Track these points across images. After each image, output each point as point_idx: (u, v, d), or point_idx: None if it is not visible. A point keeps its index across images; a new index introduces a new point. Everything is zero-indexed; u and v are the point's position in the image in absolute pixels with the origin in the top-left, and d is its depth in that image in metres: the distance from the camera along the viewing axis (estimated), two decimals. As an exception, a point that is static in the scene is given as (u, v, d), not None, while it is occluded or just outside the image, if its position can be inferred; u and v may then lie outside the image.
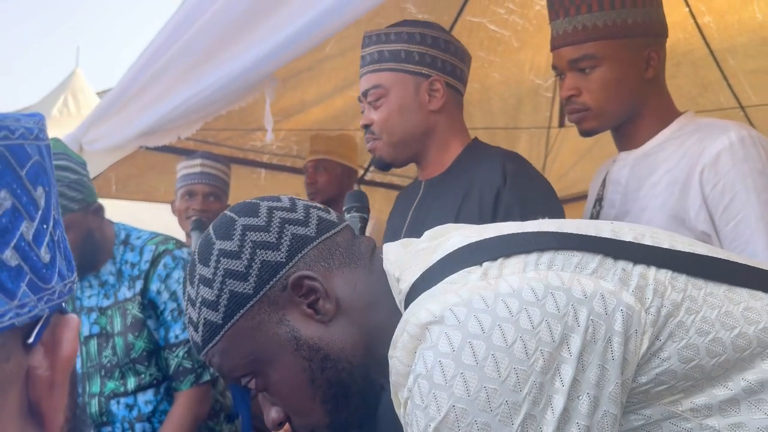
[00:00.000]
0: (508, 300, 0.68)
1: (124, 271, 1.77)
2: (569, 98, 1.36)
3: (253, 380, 0.84)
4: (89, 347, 1.76)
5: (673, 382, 0.70)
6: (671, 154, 1.32)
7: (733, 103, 2.95)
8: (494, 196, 1.33)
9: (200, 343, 0.84)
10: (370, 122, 1.46)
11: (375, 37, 1.49)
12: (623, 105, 1.35)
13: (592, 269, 0.72)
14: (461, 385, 0.66)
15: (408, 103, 1.44)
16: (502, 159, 1.38)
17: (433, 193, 1.46)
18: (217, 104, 1.90)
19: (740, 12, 2.52)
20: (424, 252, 0.81)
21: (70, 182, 1.66)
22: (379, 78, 1.45)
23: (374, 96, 1.45)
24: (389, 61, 1.46)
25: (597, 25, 1.31)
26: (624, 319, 0.69)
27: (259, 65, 1.72)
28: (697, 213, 1.24)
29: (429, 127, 1.46)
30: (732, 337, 0.72)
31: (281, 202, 0.87)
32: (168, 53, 1.86)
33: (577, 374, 0.67)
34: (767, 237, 1.19)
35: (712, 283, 0.75)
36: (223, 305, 0.81)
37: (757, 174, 1.21)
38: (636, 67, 1.33)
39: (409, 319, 0.72)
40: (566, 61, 1.35)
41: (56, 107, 5.26)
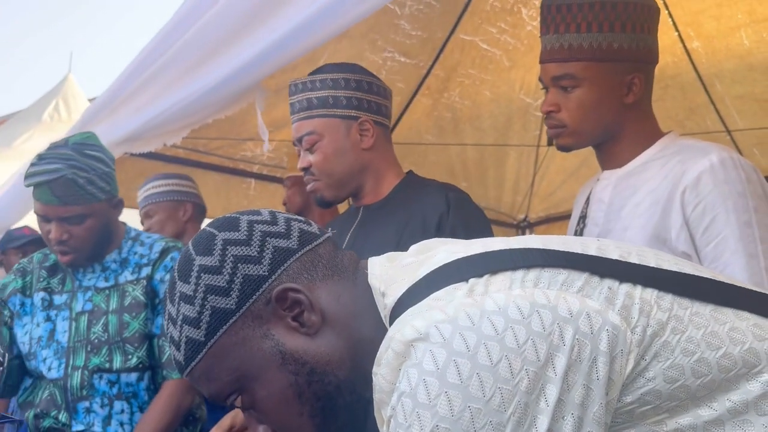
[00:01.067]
0: (494, 318, 0.68)
1: (130, 260, 1.82)
2: (548, 113, 1.38)
3: (239, 398, 0.82)
4: (79, 323, 1.77)
5: (658, 402, 0.70)
6: (654, 175, 1.33)
7: (720, 127, 3.00)
8: (437, 221, 1.44)
9: (183, 362, 0.82)
10: (309, 165, 1.53)
11: (301, 85, 1.56)
12: (599, 126, 1.36)
13: (578, 287, 0.72)
14: (445, 405, 0.65)
15: (341, 145, 1.53)
16: (445, 189, 1.53)
17: (374, 217, 1.55)
18: (202, 112, 1.90)
19: (728, 38, 2.57)
20: (410, 267, 0.80)
21: (102, 173, 1.74)
22: (311, 124, 1.53)
23: (309, 142, 1.53)
24: (318, 107, 1.54)
25: (582, 46, 1.32)
26: (609, 339, 0.69)
27: (243, 73, 1.74)
28: (678, 233, 1.25)
29: (364, 164, 1.55)
30: (717, 358, 0.71)
31: (261, 215, 0.85)
32: (158, 60, 1.87)
33: (561, 394, 0.67)
34: (746, 258, 1.20)
35: (698, 303, 0.75)
36: (205, 322, 0.79)
37: (737, 195, 1.22)
38: (616, 91, 1.34)
39: (393, 336, 0.71)
40: (550, 77, 1.37)
41: (47, 112, 5.25)
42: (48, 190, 1.66)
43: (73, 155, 1.69)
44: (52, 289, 1.81)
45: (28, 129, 5.01)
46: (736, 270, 1.19)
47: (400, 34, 2.54)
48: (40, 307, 1.80)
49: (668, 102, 2.90)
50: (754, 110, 2.87)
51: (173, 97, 1.85)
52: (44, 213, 1.70)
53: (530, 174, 3.64)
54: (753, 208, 1.22)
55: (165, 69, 1.86)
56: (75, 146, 1.71)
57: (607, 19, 1.31)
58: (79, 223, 1.71)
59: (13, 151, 4.61)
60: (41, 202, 1.68)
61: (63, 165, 1.66)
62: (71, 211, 1.69)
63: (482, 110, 3.12)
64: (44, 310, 1.79)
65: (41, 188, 1.66)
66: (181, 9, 1.82)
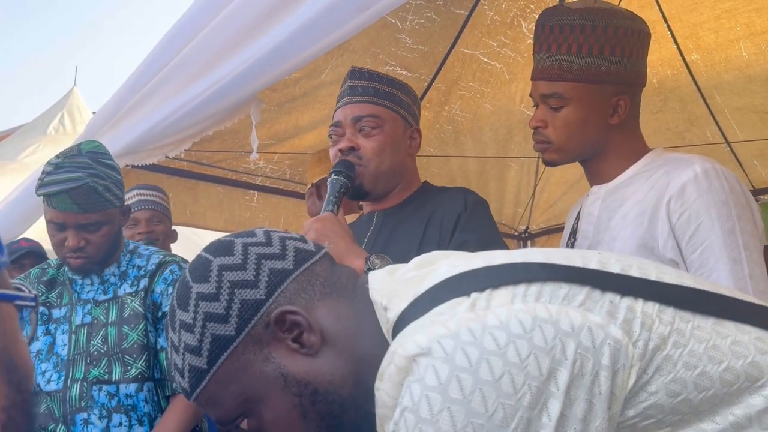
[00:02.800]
0: (496, 333, 0.68)
1: (129, 273, 1.83)
2: (536, 129, 1.42)
3: (246, 421, 0.83)
4: (78, 335, 1.77)
5: (661, 416, 0.70)
6: (640, 187, 1.36)
7: (719, 139, 3.01)
8: (455, 220, 1.44)
9: (188, 389, 0.83)
10: (357, 147, 1.50)
11: (367, 73, 1.57)
12: (583, 145, 1.40)
13: (579, 301, 0.72)
14: (447, 420, 0.65)
15: (398, 141, 1.55)
16: (464, 191, 1.54)
17: (392, 222, 1.54)
18: (202, 124, 1.91)
19: (727, 50, 2.59)
20: (412, 281, 0.80)
21: (116, 181, 1.77)
22: (377, 110, 1.53)
23: (370, 124, 1.51)
24: (385, 99, 1.55)
25: (572, 67, 1.36)
26: (611, 353, 0.69)
27: (240, 84, 1.74)
28: (665, 242, 1.27)
29: (405, 167, 1.58)
30: (720, 372, 0.71)
31: (256, 236, 0.85)
32: (158, 73, 1.89)
33: (564, 409, 0.67)
34: (731, 264, 1.22)
35: (700, 316, 0.75)
36: (206, 350, 0.80)
37: (721, 204, 1.24)
38: (601, 112, 1.37)
39: (396, 351, 0.71)
40: (538, 94, 1.41)
41: (52, 125, 5.28)
42: (68, 198, 1.67)
43: (91, 164, 1.71)
44: (50, 303, 1.82)
45: (34, 142, 5.04)
46: (721, 276, 1.21)
47: (402, 48, 2.57)
48: (39, 321, 1.80)
49: (668, 114, 2.92)
50: (753, 122, 2.88)
51: (171, 106, 1.87)
52: (62, 221, 1.71)
53: (531, 185, 3.65)
54: (736, 216, 1.24)
55: (164, 81, 1.88)
56: (90, 154, 1.73)
57: (597, 43, 1.35)
58: (96, 231, 1.74)
59: (18, 164, 4.64)
60: (59, 209, 1.69)
61: (83, 173, 1.68)
62: (90, 218, 1.71)
63: (483, 123, 3.14)
64: (43, 324, 1.80)
65: (60, 196, 1.67)
66: (180, 21, 1.84)
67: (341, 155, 1.50)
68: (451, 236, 1.42)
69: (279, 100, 2.69)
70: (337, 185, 1.45)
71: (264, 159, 3.12)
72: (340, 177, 1.46)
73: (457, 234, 1.41)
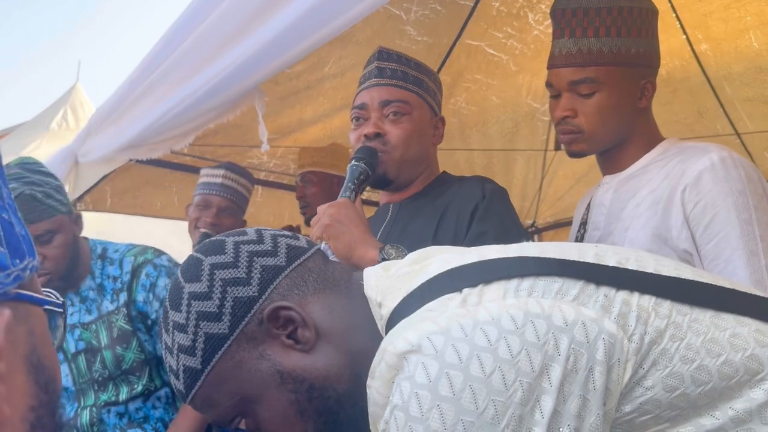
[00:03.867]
0: (487, 328, 0.67)
1: (105, 286, 1.77)
2: (564, 119, 1.36)
3: (243, 421, 0.82)
4: (78, 363, 1.74)
5: (658, 411, 0.69)
6: (654, 176, 1.33)
7: (729, 130, 2.97)
8: (472, 210, 1.39)
9: (183, 391, 0.82)
10: (384, 133, 1.43)
11: (396, 56, 1.50)
12: (614, 131, 1.36)
13: (573, 296, 0.71)
14: (437, 418, 0.64)
15: (425, 129, 1.49)
16: (482, 180, 1.48)
17: (407, 213, 1.48)
18: (204, 116, 1.89)
19: (737, 41, 2.55)
20: (406, 277, 0.79)
21: (56, 186, 1.71)
22: (406, 95, 1.46)
23: (398, 109, 1.44)
24: (414, 84, 1.48)
25: (602, 51, 1.31)
26: (606, 348, 0.67)
27: (241, 75, 1.71)
28: (680, 231, 1.25)
29: (429, 156, 1.53)
30: (718, 365, 0.70)
31: (247, 235, 0.85)
32: (161, 66, 1.87)
33: (557, 405, 0.65)
34: (747, 255, 1.19)
35: (698, 309, 0.73)
36: (200, 349, 0.79)
37: (738, 194, 1.21)
38: (632, 95, 1.35)
39: (386, 348, 0.70)
40: (566, 82, 1.35)
41: (55, 121, 5.27)
42: None
43: (23, 173, 1.66)
44: None
45: (36, 138, 5.03)
46: (737, 268, 1.19)
47: (406, 40, 2.53)
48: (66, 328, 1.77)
49: (676, 106, 2.88)
50: (764, 113, 2.84)
51: (172, 100, 1.85)
52: None
53: (538, 179, 3.62)
54: (753, 206, 1.21)
55: (166, 75, 1.87)
56: (20, 165, 1.68)
57: (624, 24, 1.31)
58: (48, 242, 1.67)
59: (21, 160, 4.62)
60: None
61: (17, 184, 1.63)
62: (38, 229, 1.65)
63: (489, 115, 3.11)
64: None
65: None
66: (182, 15, 1.82)
67: (365, 140, 1.43)
68: (468, 227, 1.37)
69: (282, 94, 2.66)
70: (356, 172, 1.38)
71: (267, 154, 3.11)
72: (360, 164, 1.39)
73: (475, 224, 1.36)
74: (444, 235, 1.37)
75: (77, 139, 2.24)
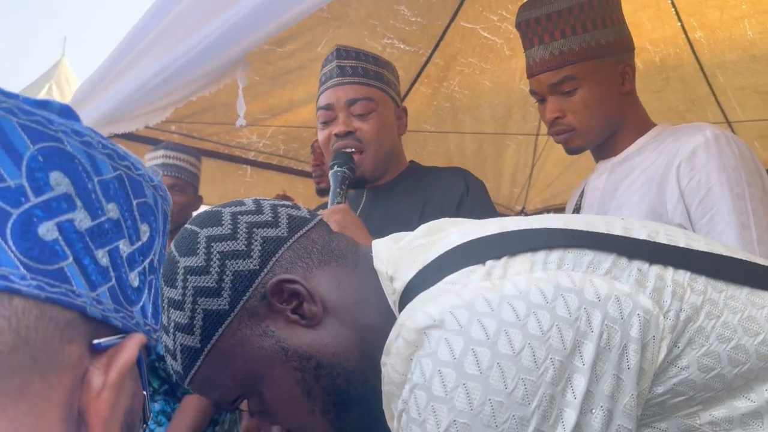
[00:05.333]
0: (515, 303, 0.62)
1: None
2: (554, 120, 1.39)
3: (245, 402, 0.78)
4: None
5: (692, 392, 0.65)
6: (648, 156, 1.36)
7: (721, 119, 2.97)
8: (458, 202, 1.44)
9: (182, 372, 0.77)
10: (355, 130, 1.48)
11: (354, 53, 1.53)
12: (606, 121, 1.39)
13: (605, 269, 0.67)
14: (463, 398, 0.60)
15: (391, 122, 1.53)
16: (462, 172, 1.52)
17: (382, 202, 1.52)
18: (185, 89, 1.82)
19: (731, 29, 2.54)
20: (420, 248, 0.74)
21: None
22: (369, 91, 1.50)
23: (364, 108, 1.48)
24: (375, 80, 1.52)
25: (573, 49, 1.35)
26: (641, 324, 0.63)
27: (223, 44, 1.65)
28: (675, 206, 1.27)
29: (397, 147, 1.56)
30: (756, 345, 0.66)
31: (245, 205, 0.80)
32: (145, 39, 1.83)
33: (590, 385, 0.61)
34: (739, 228, 1.21)
35: (734, 286, 0.70)
36: (198, 327, 0.74)
37: (731, 169, 1.24)
38: (614, 83, 1.38)
39: (404, 323, 0.65)
40: (546, 86, 1.39)
41: (40, 96, 5.19)
42: None
43: None
44: None
45: (22, 113, 4.96)
46: (729, 240, 1.21)
47: (400, 21, 2.50)
48: None
49: (669, 94, 2.87)
50: (755, 102, 2.84)
51: (152, 71, 1.80)
52: None
53: (528, 165, 3.61)
54: (746, 181, 1.24)
55: (148, 48, 1.82)
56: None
57: (588, 19, 1.35)
58: None
59: (6, 136, 4.56)
60: None
61: None
62: None
63: (481, 100, 3.09)
64: None
65: None
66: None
67: (336, 139, 1.48)
68: (456, 216, 1.40)
69: (273, 74, 2.62)
70: (340, 177, 1.45)
71: (257, 133, 3.07)
72: (343, 169, 1.45)
73: (466, 214, 1.40)
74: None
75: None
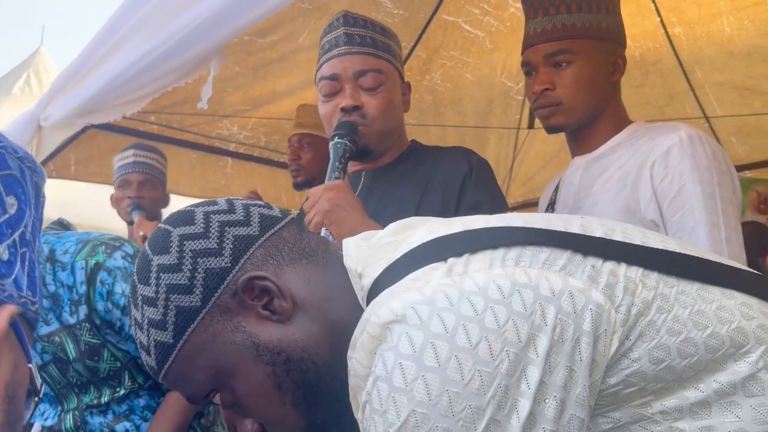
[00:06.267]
0: (474, 298, 0.66)
1: (62, 295, 1.61)
2: (542, 92, 1.39)
3: (218, 396, 0.80)
4: (49, 371, 1.64)
5: (643, 383, 0.68)
6: (623, 154, 1.38)
7: (698, 114, 3.01)
8: (460, 183, 1.36)
9: (155, 367, 0.80)
10: (362, 105, 1.37)
11: (362, 21, 1.42)
12: (591, 104, 1.40)
13: (560, 266, 0.70)
14: (422, 389, 0.63)
15: (398, 98, 1.44)
16: (466, 152, 1.45)
17: (384, 181, 1.44)
18: (160, 80, 1.80)
19: (710, 25, 2.57)
20: (388, 246, 0.77)
21: None
22: (380, 64, 1.39)
23: (374, 80, 1.37)
24: (384, 51, 1.41)
25: (576, 25, 1.37)
26: (593, 319, 0.67)
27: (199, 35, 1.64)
28: (648, 204, 1.29)
29: (401, 125, 1.48)
30: (704, 337, 0.69)
31: (218, 205, 0.82)
32: (123, 28, 1.81)
33: (543, 376, 0.64)
34: (708, 227, 1.24)
35: (685, 281, 0.73)
36: (171, 323, 0.77)
37: (704, 169, 1.27)
38: (605, 69, 1.40)
39: (369, 318, 0.68)
40: (542, 55, 1.39)
41: (18, 85, 5.12)
42: None
43: None
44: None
45: (-2, 102, 4.87)
46: (699, 239, 1.24)
47: (382, 13, 2.50)
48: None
49: (648, 89, 2.90)
50: (732, 98, 2.89)
51: (128, 60, 1.78)
52: None
53: (510, 159, 3.63)
54: (717, 181, 1.27)
55: (128, 36, 1.80)
56: None
57: (594, 1, 1.38)
58: None
59: (-18, 125, 4.48)
60: None
61: None
62: None
63: (463, 93, 3.10)
64: None
65: None
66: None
67: (343, 114, 1.37)
68: (458, 198, 1.35)
69: (254, 65, 2.61)
70: (341, 150, 1.32)
71: (238, 125, 3.05)
72: (344, 140, 1.33)
73: (469, 196, 1.35)
74: (429, 206, 1.35)
75: (40, 103, 2.16)
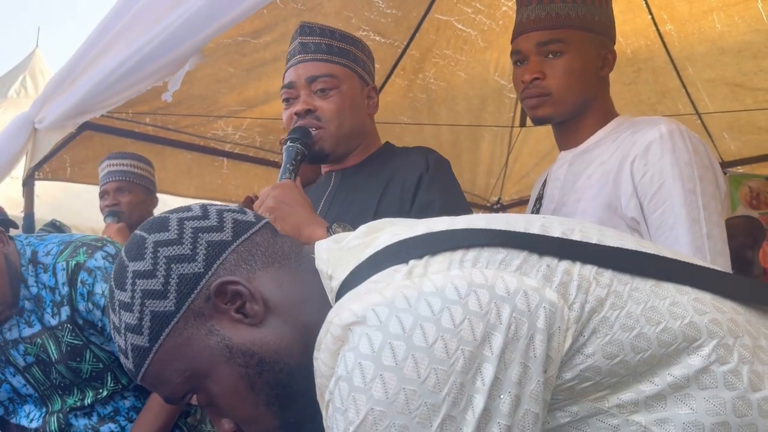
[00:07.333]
0: (431, 299, 0.68)
1: (44, 296, 1.61)
2: (532, 81, 1.38)
3: (195, 396, 0.82)
4: (33, 373, 1.64)
5: (598, 378, 0.70)
6: (606, 149, 1.37)
7: (690, 110, 3.03)
8: (417, 180, 1.39)
9: (133, 369, 0.83)
10: (315, 109, 1.43)
11: (318, 29, 1.49)
12: (580, 96, 1.39)
13: (516, 266, 0.72)
14: (380, 388, 0.65)
15: (356, 100, 1.48)
16: (426, 151, 1.48)
17: (351, 182, 1.49)
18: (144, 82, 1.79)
19: (700, 21, 2.59)
20: (357, 249, 0.80)
21: None
22: (332, 68, 1.45)
23: (326, 84, 1.44)
24: (339, 56, 1.47)
25: (570, 15, 1.36)
26: (547, 316, 0.69)
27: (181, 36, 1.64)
28: (628, 201, 1.29)
29: (365, 127, 1.51)
30: (657, 333, 0.71)
31: (192, 211, 0.85)
32: (114, 29, 1.81)
33: (498, 373, 0.66)
34: (689, 223, 1.24)
35: (639, 278, 0.75)
36: (146, 327, 0.80)
37: (684, 164, 1.26)
38: (595, 62, 1.39)
39: (332, 320, 0.71)
40: (534, 43, 1.38)
41: (13, 88, 5.12)
42: None
43: None
44: None
45: (-7, 105, 4.87)
46: (680, 234, 1.23)
47: (375, 12, 2.51)
48: None
49: (640, 86, 2.92)
50: (724, 94, 2.90)
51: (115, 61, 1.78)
52: None
53: (504, 156, 3.65)
54: (698, 176, 1.26)
55: (118, 38, 1.80)
56: None
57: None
58: None
59: (-23, 128, 4.48)
60: None
61: None
62: None
63: (457, 92, 3.11)
64: None
65: None
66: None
67: (297, 119, 1.44)
68: (413, 197, 1.38)
69: (248, 65, 2.62)
70: (293, 153, 1.39)
71: (233, 125, 3.06)
72: (296, 144, 1.40)
73: (421, 194, 1.37)
74: (388, 207, 1.38)
75: (34, 106, 2.17)
